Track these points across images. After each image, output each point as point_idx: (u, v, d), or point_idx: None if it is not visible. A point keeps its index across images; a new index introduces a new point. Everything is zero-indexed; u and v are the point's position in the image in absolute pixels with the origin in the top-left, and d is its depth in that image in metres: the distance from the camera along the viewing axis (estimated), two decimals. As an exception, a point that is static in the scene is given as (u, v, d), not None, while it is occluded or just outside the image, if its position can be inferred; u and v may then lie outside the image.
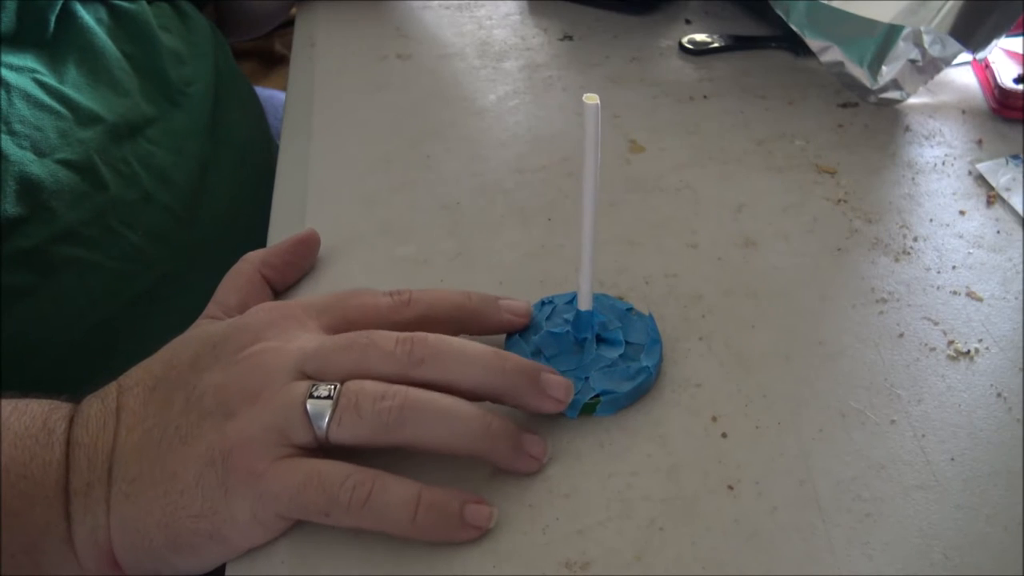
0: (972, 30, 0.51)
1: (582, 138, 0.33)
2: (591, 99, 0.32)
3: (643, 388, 0.38)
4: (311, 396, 0.32)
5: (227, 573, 0.32)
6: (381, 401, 0.32)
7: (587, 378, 0.37)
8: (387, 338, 0.34)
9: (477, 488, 0.35)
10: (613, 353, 0.38)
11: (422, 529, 0.32)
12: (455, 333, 0.36)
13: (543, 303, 0.41)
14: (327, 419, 0.32)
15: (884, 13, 0.52)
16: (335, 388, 0.32)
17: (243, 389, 0.32)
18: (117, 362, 0.36)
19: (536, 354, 0.39)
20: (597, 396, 0.37)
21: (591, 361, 0.38)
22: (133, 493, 0.31)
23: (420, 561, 0.32)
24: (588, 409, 0.37)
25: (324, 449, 0.32)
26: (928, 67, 0.54)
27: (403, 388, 0.32)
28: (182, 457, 0.31)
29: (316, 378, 0.33)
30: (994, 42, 0.52)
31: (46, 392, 0.35)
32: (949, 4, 0.50)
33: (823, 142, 0.54)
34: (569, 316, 0.40)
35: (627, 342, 0.39)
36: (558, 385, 0.35)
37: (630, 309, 0.41)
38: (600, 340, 0.39)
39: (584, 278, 0.37)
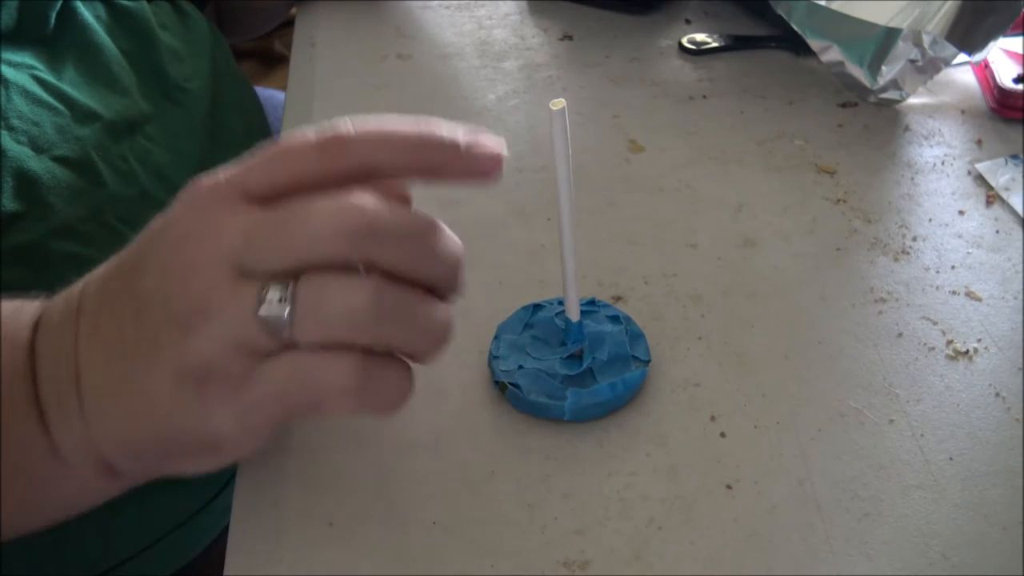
0: (969, 33, 0.51)
1: (551, 147, 0.33)
2: (557, 104, 0.32)
3: (548, 412, 0.37)
4: (262, 302, 0.28)
5: (227, 573, 0.32)
6: (348, 297, 0.28)
7: (521, 366, 0.38)
8: (325, 204, 0.28)
9: (474, 485, 0.35)
10: (571, 370, 0.38)
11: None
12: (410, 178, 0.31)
13: (592, 301, 0.41)
14: (286, 325, 0.28)
15: (881, 16, 0.52)
16: (286, 288, 0.28)
17: (183, 297, 0.29)
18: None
19: (527, 326, 0.40)
20: (515, 385, 0.37)
21: (551, 362, 0.38)
22: (111, 411, 0.30)
23: (419, 560, 0.32)
24: (500, 386, 0.38)
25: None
26: (928, 67, 0.54)
27: (370, 283, 0.29)
28: (152, 376, 0.29)
29: (256, 273, 0.29)
30: (991, 44, 0.52)
31: None
32: (946, 7, 0.50)
33: (823, 142, 0.54)
34: (598, 321, 0.40)
35: (592, 373, 0.38)
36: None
37: (636, 358, 0.39)
38: (579, 354, 0.39)
39: (570, 288, 0.37)
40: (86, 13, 0.48)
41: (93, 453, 0.31)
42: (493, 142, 0.31)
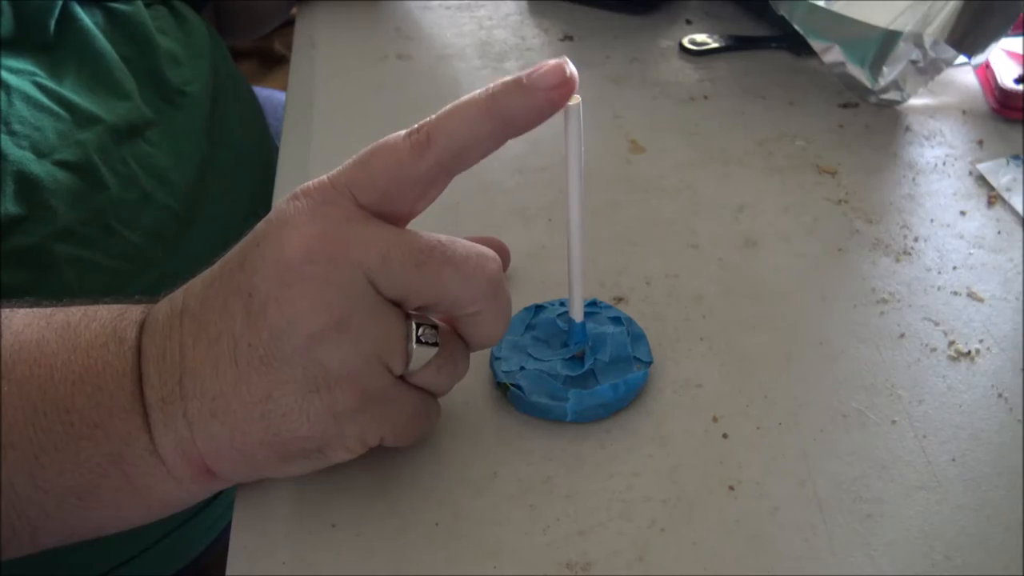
0: (968, 35, 0.51)
1: (564, 144, 0.33)
2: (572, 100, 0.31)
3: (550, 413, 0.37)
4: (419, 340, 0.31)
5: (228, 573, 0.32)
6: (465, 362, 0.33)
7: (522, 367, 0.38)
8: (465, 260, 0.31)
9: (476, 486, 0.35)
10: (573, 371, 0.38)
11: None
12: (490, 151, 0.32)
13: (594, 303, 0.41)
14: (425, 364, 0.31)
15: (881, 18, 0.52)
16: (436, 334, 0.31)
17: (316, 308, 0.29)
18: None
19: (529, 327, 0.40)
20: (516, 386, 0.37)
21: (553, 363, 0.38)
22: (220, 411, 0.30)
23: (420, 561, 0.32)
24: (502, 387, 0.38)
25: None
26: (929, 68, 0.54)
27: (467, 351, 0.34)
28: (274, 380, 0.29)
29: (387, 294, 0.30)
30: (991, 46, 0.52)
31: None
32: (946, 10, 0.50)
33: (824, 142, 0.54)
34: (599, 322, 0.40)
35: (594, 374, 0.38)
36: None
37: (638, 359, 0.39)
38: (580, 355, 0.39)
39: (575, 289, 0.37)
40: (85, 19, 0.48)
41: (193, 455, 0.31)
42: (553, 63, 0.31)
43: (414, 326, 0.31)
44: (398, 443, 0.33)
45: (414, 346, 0.31)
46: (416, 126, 0.31)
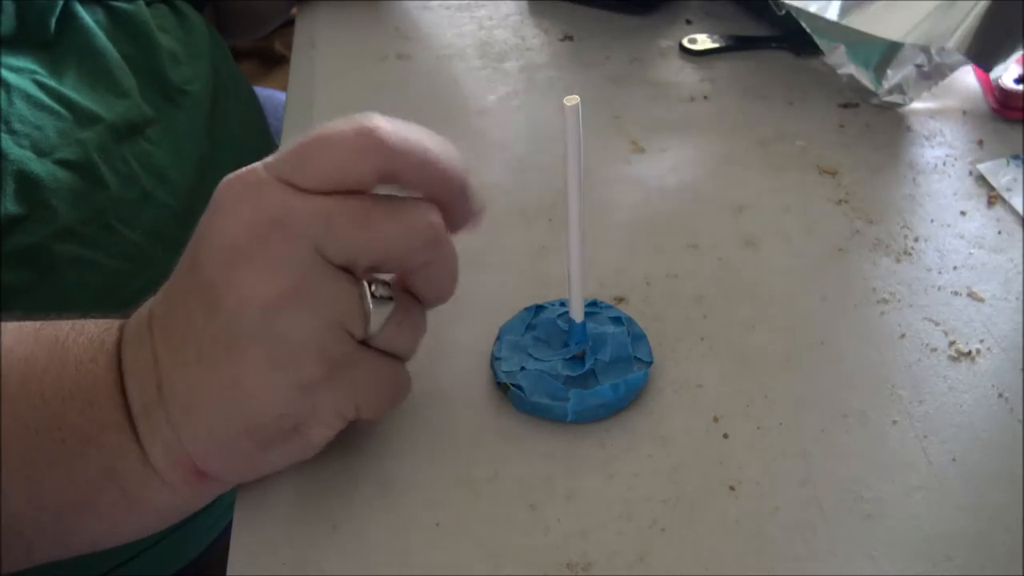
0: (989, 50, 0.50)
1: (563, 144, 0.33)
2: (571, 101, 0.31)
3: (550, 413, 0.37)
4: (373, 296, 0.30)
5: (228, 573, 0.32)
6: (421, 321, 0.33)
7: (523, 367, 0.38)
8: (405, 211, 0.31)
9: (477, 487, 0.35)
10: (573, 371, 0.38)
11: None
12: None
13: (595, 303, 0.41)
14: (386, 323, 0.31)
15: (898, 32, 0.52)
16: (390, 290, 0.31)
17: (270, 281, 0.29)
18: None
19: (529, 327, 0.40)
20: (517, 386, 0.37)
21: (554, 363, 0.38)
22: (196, 407, 0.30)
23: (420, 561, 0.32)
24: (502, 387, 0.38)
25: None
26: (933, 72, 0.54)
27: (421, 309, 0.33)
28: (238, 364, 0.29)
29: (335, 259, 0.30)
30: (1011, 59, 0.52)
31: None
32: (966, 24, 0.50)
33: (824, 142, 0.54)
34: (600, 322, 0.40)
35: (595, 374, 0.38)
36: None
37: (639, 359, 0.39)
38: (581, 355, 0.39)
39: (575, 289, 0.37)
40: (86, 17, 0.48)
41: (183, 458, 0.31)
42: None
43: (366, 285, 0.30)
44: (374, 414, 0.32)
45: (371, 304, 0.30)
46: (367, 133, 0.30)
